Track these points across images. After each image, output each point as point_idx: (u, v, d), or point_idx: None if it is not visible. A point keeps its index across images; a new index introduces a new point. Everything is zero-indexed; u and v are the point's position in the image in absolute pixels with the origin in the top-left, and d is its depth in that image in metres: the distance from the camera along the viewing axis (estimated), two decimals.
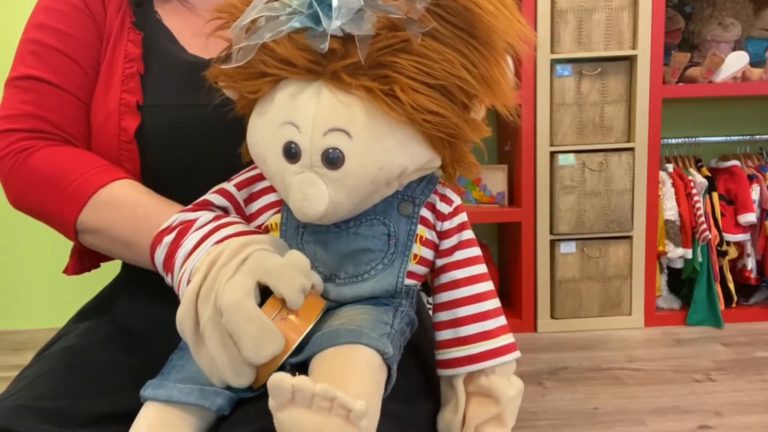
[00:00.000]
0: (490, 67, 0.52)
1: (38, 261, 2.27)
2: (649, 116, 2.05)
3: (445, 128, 0.52)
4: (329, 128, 0.51)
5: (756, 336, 2.03)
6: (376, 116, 0.51)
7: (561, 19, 2.03)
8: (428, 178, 0.62)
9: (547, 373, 1.79)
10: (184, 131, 0.71)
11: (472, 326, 0.61)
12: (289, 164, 0.53)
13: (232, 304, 0.50)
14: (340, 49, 0.50)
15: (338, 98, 0.51)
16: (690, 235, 2.13)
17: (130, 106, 0.70)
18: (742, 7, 2.23)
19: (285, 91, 0.53)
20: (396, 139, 0.52)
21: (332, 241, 0.59)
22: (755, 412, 1.52)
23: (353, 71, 0.50)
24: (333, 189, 0.52)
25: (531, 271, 2.14)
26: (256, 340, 0.49)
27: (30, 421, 0.57)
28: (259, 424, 0.52)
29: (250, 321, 0.50)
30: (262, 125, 0.55)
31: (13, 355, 2.11)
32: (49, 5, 0.73)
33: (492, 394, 0.60)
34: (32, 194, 0.69)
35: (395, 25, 0.49)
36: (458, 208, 0.62)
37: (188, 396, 0.54)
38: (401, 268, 0.60)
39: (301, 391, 0.44)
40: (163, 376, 0.57)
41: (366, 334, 0.53)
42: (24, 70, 0.71)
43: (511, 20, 0.52)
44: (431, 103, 0.50)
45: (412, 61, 0.49)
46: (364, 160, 0.52)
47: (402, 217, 0.60)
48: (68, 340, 0.71)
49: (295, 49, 0.50)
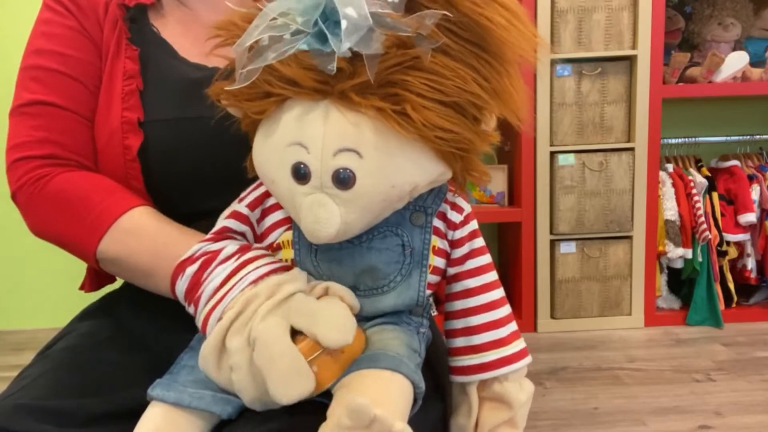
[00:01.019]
0: (502, 80, 0.51)
1: (38, 261, 2.27)
2: (649, 116, 2.05)
3: (458, 143, 0.51)
4: (339, 149, 0.49)
5: (756, 336, 2.03)
6: (386, 135, 0.49)
7: (561, 19, 2.03)
8: (438, 187, 0.61)
9: (547, 373, 1.79)
10: (187, 144, 0.71)
11: (485, 335, 0.61)
12: (298, 185, 0.51)
13: (265, 337, 0.49)
14: (348, 68, 0.48)
15: (347, 118, 0.49)
16: (690, 235, 2.13)
17: (132, 124, 0.70)
18: (742, 7, 2.23)
19: (291, 111, 0.51)
20: (407, 156, 0.51)
21: (347, 258, 0.58)
22: (755, 412, 1.52)
23: (362, 90, 0.48)
24: (345, 209, 0.51)
25: (531, 271, 2.14)
26: (286, 377, 0.48)
27: (28, 421, 0.57)
28: (269, 426, 0.52)
29: (282, 356, 0.49)
30: (269, 146, 0.53)
31: (13, 355, 2.11)
32: (45, 30, 0.73)
33: (505, 399, 0.61)
34: (52, 223, 0.69)
35: (404, 42, 0.47)
36: (469, 216, 0.62)
37: (199, 402, 0.54)
38: (421, 280, 0.59)
39: (381, 423, 0.44)
40: (173, 377, 0.56)
41: (405, 364, 0.54)
42: (29, 96, 0.70)
43: (523, 32, 0.50)
44: (443, 120, 0.49)
45: (423, 78, 0.48)
46: (376, 179, 0.50)
47: (415, 227, 0.59)
48: (70, 340, 0.71)
49: (300, 69, 0.49)
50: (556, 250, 2.12)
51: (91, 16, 0.74)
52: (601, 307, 2.15)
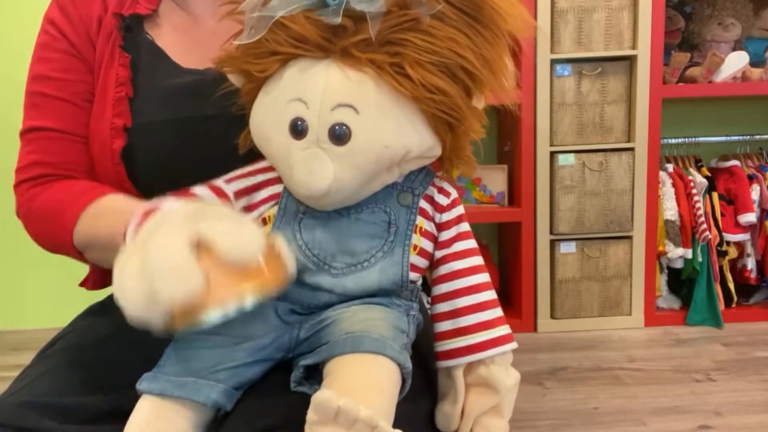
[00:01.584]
0: (493, 51, 0.54)
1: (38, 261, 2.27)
2: (649, 116, 2.05)
3: (449, 109, 0.54)
4: (337, 103, 0.52)
5: (756, 336, 2.03)
6: (384, 93, 0.52)
7: (561, 19, 2.03)
8: (426, 171, 0.62)
9: (547, 373, 1.79)
10: (175, 147, 0.73)
11: (471, 316, 0.61)
12: (294, 140, 0.53)
13: (158, 237, 0.47)
14: (351, 26, 0.51)
15: (347, 74, 0.52)
16: (690, 235, 2.13)
17: (118, 129, 0.73)
18: (742, 7, 2.23)
19: (294, 68, 0.54)
20: (402, 117, 0.53)
21: (333, 223, 0.59)
22: (755, 412, 1.52)
23: (364, 48, 0.51)
24: (338, 165, 0.53)
25: (531, 271, 2.14)
26: (171, 273, 0.46)
27: (34, 418, 0.57)
28: (265, 421, 0.52)
29: (170, 260, 0.46)
30: (268, 104, 0.56)
31: (13, 355, 2.11)
32: (42, 56, 0.78)
33: (491, 383, 0.61)
34: (41, 234, 0.75)
35: (405, 3, 0.51)
36: (455, 200, 0.63)
37: (181, 390, 0.54)
38: (403, 258, 0.60)
39: (346, 414, 0.45)
40: (159, 369, 0.56)
41: (389, 346, 0.54)
42: (28, 123, 0.77)
43: (514, 6, 0.54)
44: (438, 79, 0.52)
45: (421, 39, 0.51)
46: (371, 136, 0.53)
47: (402, 206, 0.60)
48: (72, 338, 0.72)
49: (307, 25, 0.52)
50: (556, 250, 2.12)
51: (83, 33, 0.77)
52: (601, 307, 2.15)
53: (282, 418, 0.53)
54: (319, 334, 0.58)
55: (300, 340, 0.59)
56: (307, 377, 0.57)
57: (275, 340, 0.59)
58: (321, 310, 0.60)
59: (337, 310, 0.59)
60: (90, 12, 0.78)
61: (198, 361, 0.56)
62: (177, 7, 0.82)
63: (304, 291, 0.60)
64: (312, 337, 0.58)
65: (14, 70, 0.78)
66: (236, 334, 0.57)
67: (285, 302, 0.60)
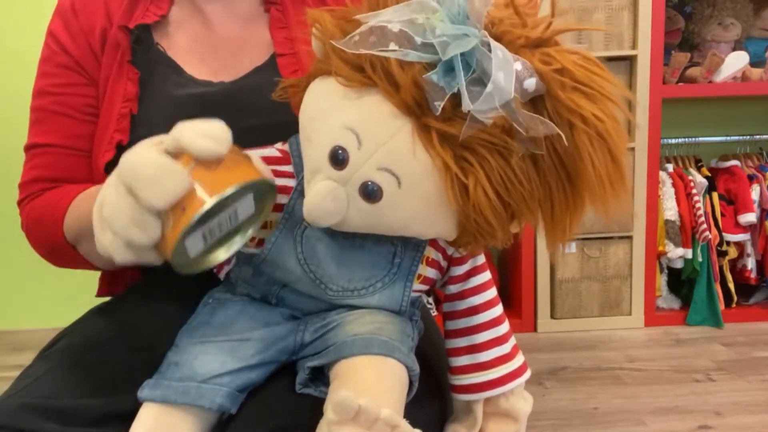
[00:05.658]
0: (564, 215, 0.51)
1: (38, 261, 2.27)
2: (649, 116, 2.05)
3: (486, 232, 0.50)
4: (387, 166, 0.48)
5: (756, 336, 2.03)
6: (435, 187, 0.47)
7: (561, 19, 2.02)
8: None
9: (547, 373, 1.79)
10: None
11: (491, 351, 0.61)
12: (327, 164, 0.49)
13: (130, 154, 0.45)
14: (448, 108, 0.45)
15: (415, 149, 0.47)
16: (690, 235, 2.13)
17: (113, 145, 0.73)
18: (742, 7, 2.23)
19: (372, 100, 0.48)
20: (437, 213, 0.50)
21: (337, 242, 0.57)
22: (755, 412, 1.52)
23: (444, 138, 0.46)
24: (353, 211, 0.50)
25: (531, 271, 2.14)
26: (154, 178, 0.44)
27: (34, 420, 0.57)
28: (273, 422, 0.52)
29: (147, 165, 0.44)
30: (328, 111, 0.50)
31: (13, 355, 2.11)
32: (45, 71, 0.79)
33: (512, 414, 0.62)
34: (39, 242, 0.77)
35: (508, 128, 0.45)
36: None
37: (185, 396, 0.53)
38: (405, 290, 0.59)
39: (366, 413, 0.44)
40: (161, 375, 0.56)
41: (398, 349, 0.53)
42: (31, 140, 0.79)
43: (615, 196, 0.50)
44: (489, 212, 0.47)
45: (501, 169, 0.46)
46: (398, 213, 0.50)
47: (410, 243, 0.58)
48: (73, 338, 0.71)
49: (409, 77, 0.45)
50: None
51: (83, 44, 0.77)
52: (601, 307, 2.15)
53: (289, 420, 0.53)
54: (325, 337, 0.57)
55: (305, 343, 0.59)
56: (312, 379, 0.57)
57: (279, 342, 0.58)
58: (323, 312, 0.60)
59: (341, 314, 0.58)
60: (92, 22, 0.77)
61: (200, 366, 0.55)
62: (190, 12, 0.80)
63: (302, 299, 0.60)
64: (317, 339, 0.58)
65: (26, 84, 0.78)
66: (238, 337, 0.57)
67: (284, 308, 0.60)
